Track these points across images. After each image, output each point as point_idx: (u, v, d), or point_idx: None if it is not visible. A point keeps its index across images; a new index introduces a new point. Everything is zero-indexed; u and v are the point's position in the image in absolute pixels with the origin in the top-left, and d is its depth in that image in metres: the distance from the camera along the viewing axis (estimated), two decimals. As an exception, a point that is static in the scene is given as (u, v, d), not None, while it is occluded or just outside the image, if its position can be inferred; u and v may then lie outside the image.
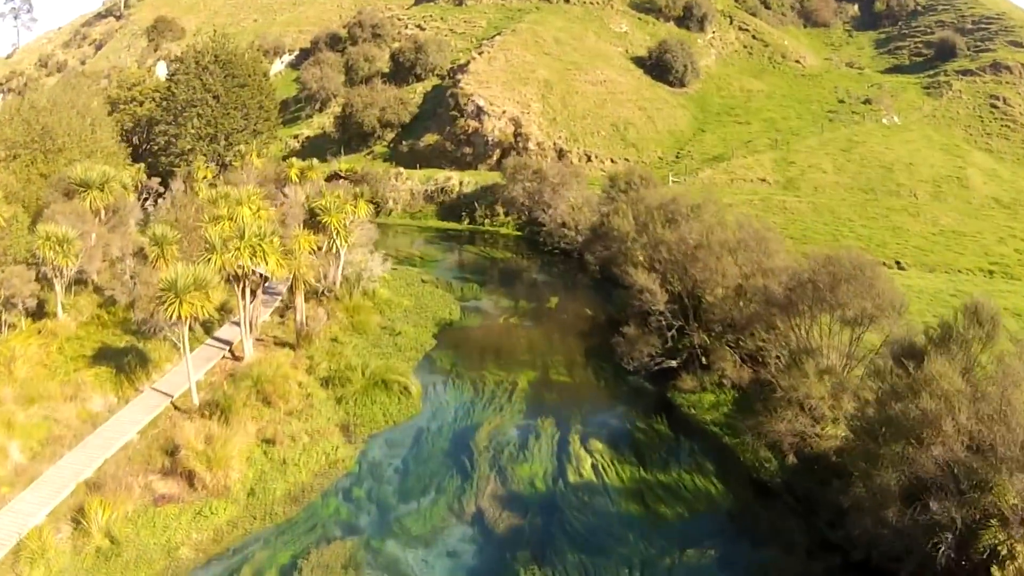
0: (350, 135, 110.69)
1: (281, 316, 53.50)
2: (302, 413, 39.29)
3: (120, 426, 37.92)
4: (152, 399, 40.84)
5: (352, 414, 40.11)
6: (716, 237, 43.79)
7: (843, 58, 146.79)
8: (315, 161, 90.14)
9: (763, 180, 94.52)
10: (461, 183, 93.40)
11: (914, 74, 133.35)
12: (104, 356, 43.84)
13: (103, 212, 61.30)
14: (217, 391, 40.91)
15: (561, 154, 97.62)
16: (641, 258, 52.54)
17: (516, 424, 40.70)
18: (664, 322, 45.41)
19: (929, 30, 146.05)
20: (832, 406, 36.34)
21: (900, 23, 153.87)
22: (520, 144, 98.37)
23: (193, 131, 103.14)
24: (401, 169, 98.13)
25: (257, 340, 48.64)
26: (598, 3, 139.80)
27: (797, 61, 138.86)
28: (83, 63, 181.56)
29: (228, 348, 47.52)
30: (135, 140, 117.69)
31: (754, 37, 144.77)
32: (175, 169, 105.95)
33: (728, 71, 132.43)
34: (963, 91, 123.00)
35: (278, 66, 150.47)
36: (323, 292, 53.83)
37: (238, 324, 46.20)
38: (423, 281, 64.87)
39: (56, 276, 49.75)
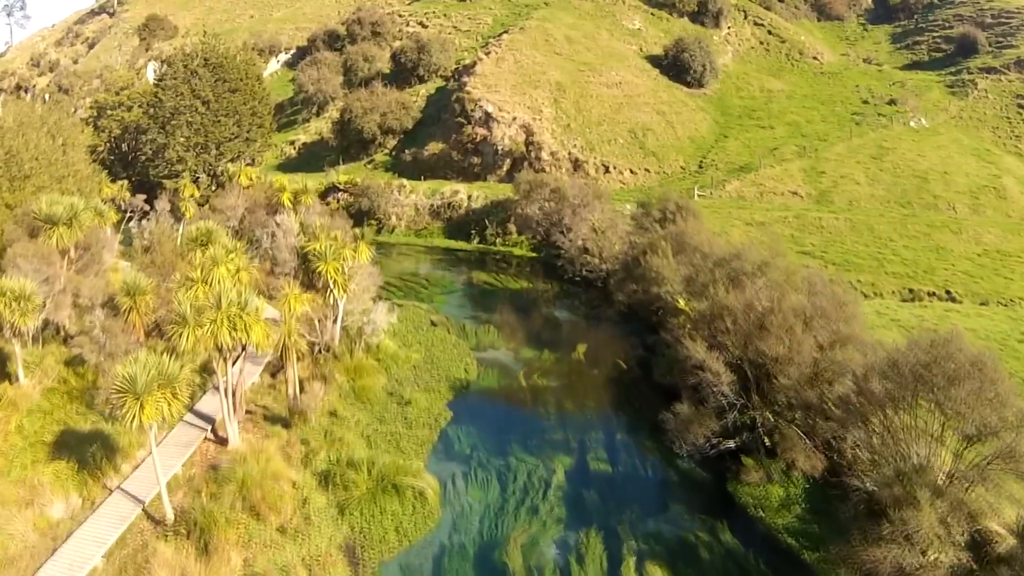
0: (349, 142, 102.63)
1: (273, 376, 45.88)
2: (297, 531, 31.67)
3: (82, 547, 30.59)
4: (120, 505, 33.36)
5: (358, 530, 32.48)
6: (788, 302, 36.05)
7: (860, 54, 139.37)
8: (309, 184, 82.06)
9: (794, 193, 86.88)
10: (470, 198, 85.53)
11: (935, 71, 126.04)
12: (67, 443, 36.53)
13: (73, 250, 53.66)
14: (196, 496, 33.38)
15: (577, 164, 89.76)
16: (686, 305, 45.14)
17: (554, 536, 33.23)
18: (725, 400, 37.78)
19: (947, 24, 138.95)
20: (942, 534, 28.91)
21: (916, 16, 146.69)
22: (532, 154, 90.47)
23: (182, 140, 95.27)
24: (404, 182, 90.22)
25: (246, 412, 41.11)
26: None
27: (815, 58, 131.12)
28: (76, 62, 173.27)
29: (210, 427, 39.91)
30: (124, 147, 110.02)
31: (770, 33, 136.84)
32: (164, 182, 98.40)
33: (746, 69, 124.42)
34: (989, 90, 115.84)
35: (274, 65, 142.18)
36: (320, 350, 46.12)
37: (222, 391, 38.61)
38: (432, 323, 57.15)
39: (15, 336, 42.29)
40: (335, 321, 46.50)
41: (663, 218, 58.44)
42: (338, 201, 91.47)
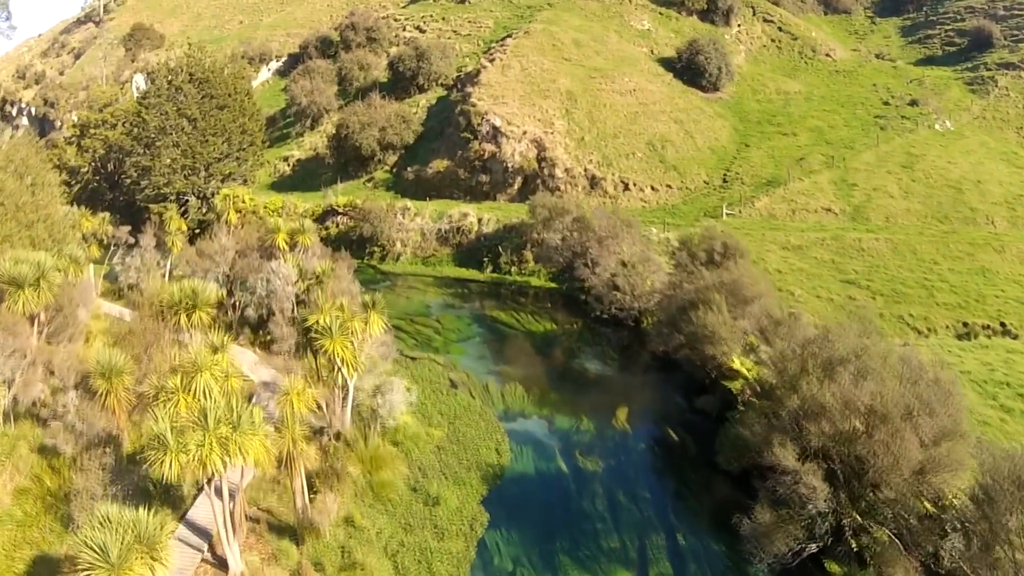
0: (347, 159, 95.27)
1: (279, 466, 38.93)
2: None
3: None
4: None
5: None
6: (890, 394, 29.34)
7: (871, 49, 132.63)
8: (305, 206, 75.01)
9: (828, 210, 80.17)
10: (480, 221, 78.47)
11: (950, 66, 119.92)
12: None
13: (43, 313, 46.66)
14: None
15: (594, 182, 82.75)
16: (745, 367, 38.42)
17: None
18: (814, 509, 31.08)
19: (959, 16, 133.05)
20: None
21: (925, 9, 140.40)
22: (545, 171, 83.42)
23: (168, 162, 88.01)
24: (408, 203, 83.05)
25: (247, 519, 34.25)
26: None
27: (827, 55, 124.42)
28: (62, 73, 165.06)
29: (206, 544, 33.02)
30: (109, 167, 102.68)
31: (780, 29, 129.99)
32: (151, 206, 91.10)
33: (760, 70, 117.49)
34: (1009, 88, 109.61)
35: (265, 74, 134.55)
36: (330, 438, 39.19)
37: (219, 494, 31.74)
38: (452, 384, 50.27)
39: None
40: (345, 403, 39.55)
41: (709, 259, 51.43)
42: (337, 225, 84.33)
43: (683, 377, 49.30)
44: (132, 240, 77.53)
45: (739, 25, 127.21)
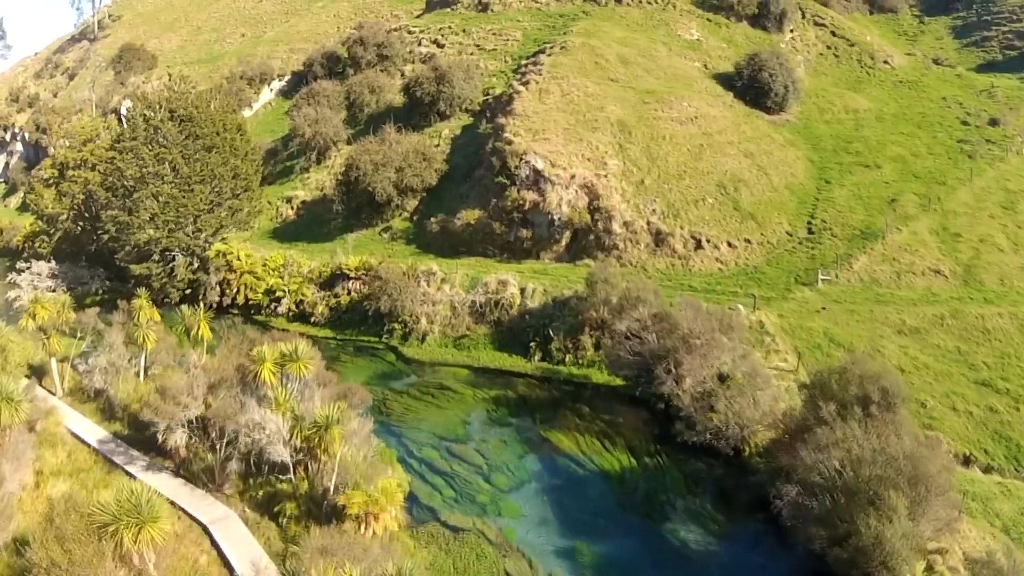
0: (359, 204, 78.95)
1: None
2: None
3: None
4: None
5: None
6: None
7: (926, 52, 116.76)
8: (311, 264, 58.93)
9: (936, 271, 63.85)
10: (523, 292, 62.40)
11: (1015, 73, 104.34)
12: None
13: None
14: None
15: (659, 239, 66.38)
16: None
17: None
18: None
19: (1015, 17, 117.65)
20: None
21: (975, 7, 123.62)
22: (599, 224, 67.13)
23: (149, 217, 72.34)
24: (434, 266, 66.94)
25: None
26: (658, 2, 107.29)
27: (886, 62, 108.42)
28: (55, 96, 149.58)
29: None
30: (87, 214, 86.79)
31: (834, 34, 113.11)
32: (131, 267, 75.40)
33: (822, 84, 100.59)
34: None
35: (266, 95, 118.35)
36: None
37: None
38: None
39: None
40: None
41: (865, 409, 34.91)
42: (349, 293, 68.39)
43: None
44: (101, 324, 62.36)
45: (792, 31, 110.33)
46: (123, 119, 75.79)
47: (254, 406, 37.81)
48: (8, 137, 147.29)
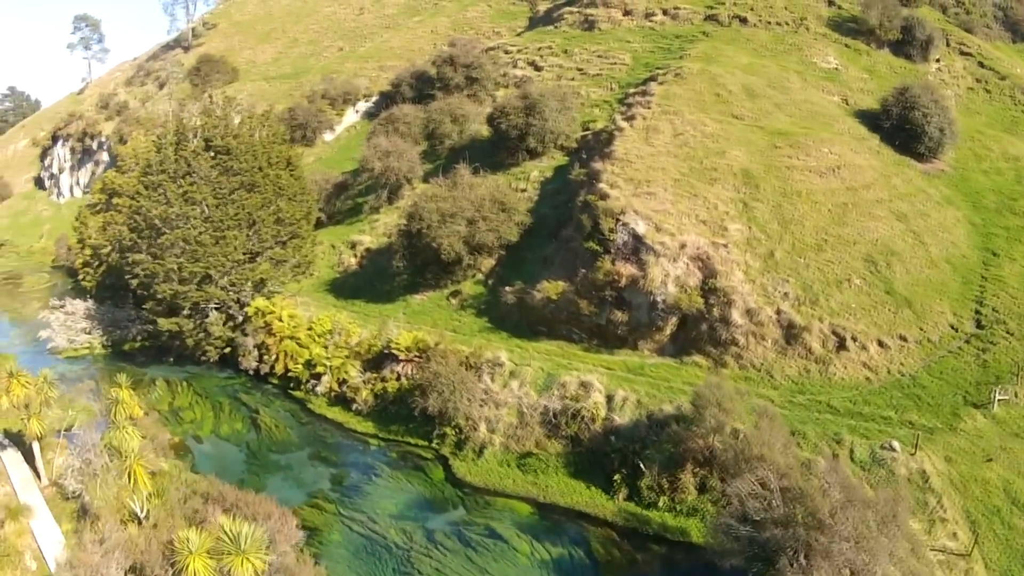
0: (424, 259, 64.61)
1: None
2: None
3: None
4: None
5: None
6: None
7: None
8: (362, 333, 44.75)
9: None
10: (611, 401, 46.94)
11: None
12: None
13: None
14: None
15: (791, 333, 49.47)
16: None
17: None
18: None
19: None
20: None
21: None
22: (714, 310, 50.73)
23: (174, 267, 60.17)
24: (502, 354, 52.07)
25: None
26: (788, 24, 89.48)
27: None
28: (144, 104, 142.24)
29: None
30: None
31: (982, 65, 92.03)
32: (159, 320, 63.49)
33: (975, 124, 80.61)
34: None
35: (351, 117, 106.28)
36: None
37: None
38: None
39: None
40: None
41: None
42: (398, 378, 54.13)
43: None
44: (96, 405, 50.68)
45: (938, 60, 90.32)
46: (158, 147, 63.78)
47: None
48: (95, 146, 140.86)
